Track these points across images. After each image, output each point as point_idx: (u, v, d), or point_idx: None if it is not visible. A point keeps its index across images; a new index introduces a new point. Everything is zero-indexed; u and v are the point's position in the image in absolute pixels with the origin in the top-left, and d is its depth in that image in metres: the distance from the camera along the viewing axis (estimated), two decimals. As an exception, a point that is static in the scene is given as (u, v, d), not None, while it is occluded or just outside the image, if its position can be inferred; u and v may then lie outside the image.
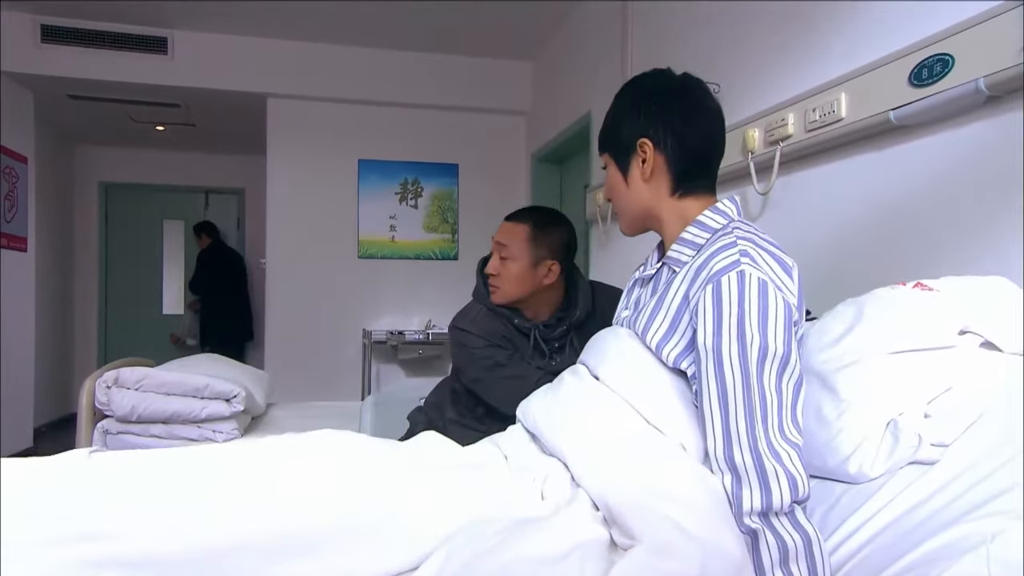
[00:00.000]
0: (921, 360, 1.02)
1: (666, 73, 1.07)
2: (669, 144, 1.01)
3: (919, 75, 1.33)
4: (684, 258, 1.00)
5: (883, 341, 1.03)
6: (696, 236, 1.00)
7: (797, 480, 0.83)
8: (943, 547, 0.78)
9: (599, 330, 1.43)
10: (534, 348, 1.46)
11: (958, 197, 1.30)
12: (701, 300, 0.90)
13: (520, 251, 1.45)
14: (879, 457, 0.93)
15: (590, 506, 0.90)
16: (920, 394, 0.99)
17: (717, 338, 0.87)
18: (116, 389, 2.03)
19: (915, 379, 1.00)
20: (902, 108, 1.37)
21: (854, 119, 1.50)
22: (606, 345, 1.06)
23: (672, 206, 1.04)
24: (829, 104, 1.56)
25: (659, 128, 1.01)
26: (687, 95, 1.03)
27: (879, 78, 1.43)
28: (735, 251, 0.91)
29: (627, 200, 1.07)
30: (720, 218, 1.01)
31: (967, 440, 0.91)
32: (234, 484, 0.87)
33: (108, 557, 0.77)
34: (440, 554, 0.83)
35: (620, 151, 1.05)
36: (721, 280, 0.88)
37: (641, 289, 1.11)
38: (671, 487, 0.84)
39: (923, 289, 1.14)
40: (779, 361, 0.86)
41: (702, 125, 1.03)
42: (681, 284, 0.97)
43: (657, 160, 1.02)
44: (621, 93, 1.09)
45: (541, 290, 1.48)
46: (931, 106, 1.31)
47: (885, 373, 1.00)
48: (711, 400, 0.87)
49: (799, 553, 0.80)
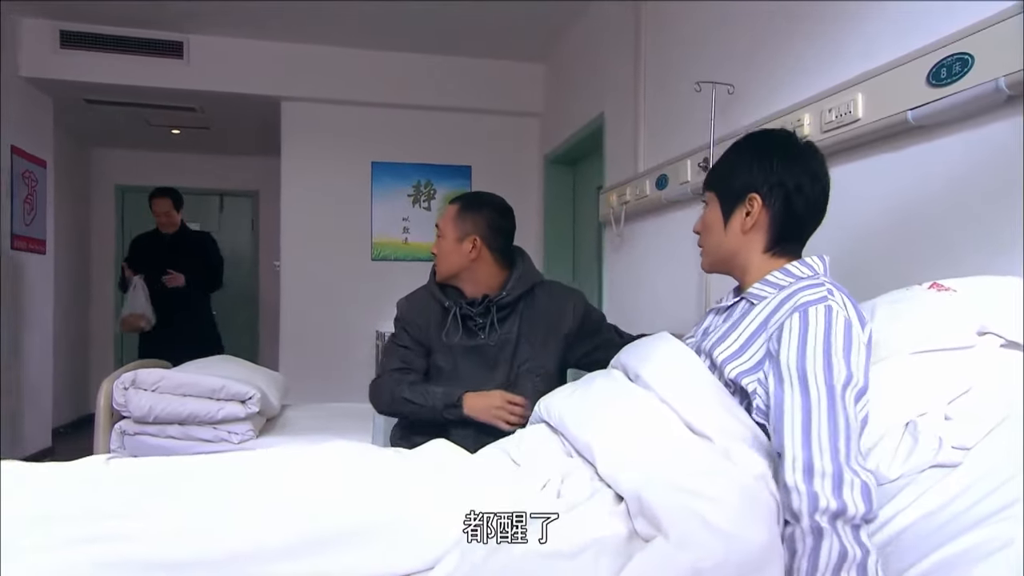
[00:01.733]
0: (941, 361, 1.01)
1: (791, 136, 1.10)
2: (777, 205, 1.04)
3: (937, 75, 1.32)
4: (765, 294, 1.04)
5: (902, 342, 1.03)
6: (780, 280, 1.05)
7: (871, 496, 0.82)
8: (964, 551, 0.77)
9: (529, 315, 1.58)
10: (451, 323, 1.55)
11: (976, 197, 1.29)
12: (787, 324, 0.94)
13: (447, 228, 1.58)
14: (897, 458, 0.93)
15: (610, 502, 0.90)
16: (940, 395, 0.98)
17: (802, 359, 0.90)
18: (133, 390, 2.06)
19: (935, 380, 0.99)
20: (920, 108, 1.35)
21: (871, 119, 1.49)
22: (650, 350, 1.07)
23: (761, 261, 1.07)
24: (845, 105, 1.55)
25: (772, 187, 1.04)
26: (805, 162, 1.06)
27: (896, 78, 1.42)
28: (823, 290, 0.96)
29: (718, 243, 1.10)
30: (807, 270, 1.05)
31: (989, 443, 0.90)
32: (247, 490, 0.89)
33: (123, 558, 0.79)
34: (455, 553, 0.83)
35: (727, 195, 1.08)
36: (809, 310, 0.93)
37: (715, 317, 1.14)
38: (706, 486, 0.84)
39: (939, 289, 1.13)
40: (858, 390, 0.89)
41: (812, 194, 1.06)
42: (761, 312, 1.01)
43: (761, 216, 1.05)
44: (744, 141, 1.12)
45: (470, 266, 1.57)
46: (950, 106, 1.30)
47: (904, 374, 1.00)
48: (793, 413, 0.88)
49: (855, 565, 0.79)
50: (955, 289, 1.10)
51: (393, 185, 4.04)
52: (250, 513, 0.85)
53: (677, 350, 1.05)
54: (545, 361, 1.56)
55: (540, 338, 1.56)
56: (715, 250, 1.12)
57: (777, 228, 1.06)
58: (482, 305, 1.55)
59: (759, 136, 1.12)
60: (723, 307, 1.14)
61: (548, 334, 1.56)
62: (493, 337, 1.54)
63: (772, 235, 1.06)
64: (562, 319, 1.57)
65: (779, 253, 1.07)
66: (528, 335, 1.55)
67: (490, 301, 1.55)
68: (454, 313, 1.55)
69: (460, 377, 1.55)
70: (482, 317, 1.55)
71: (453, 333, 1.55)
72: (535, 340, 1.55)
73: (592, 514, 0.88)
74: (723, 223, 1.08)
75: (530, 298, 1.58)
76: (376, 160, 4.01)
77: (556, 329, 1.57)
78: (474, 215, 1.58)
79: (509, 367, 1.54)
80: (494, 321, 1.54)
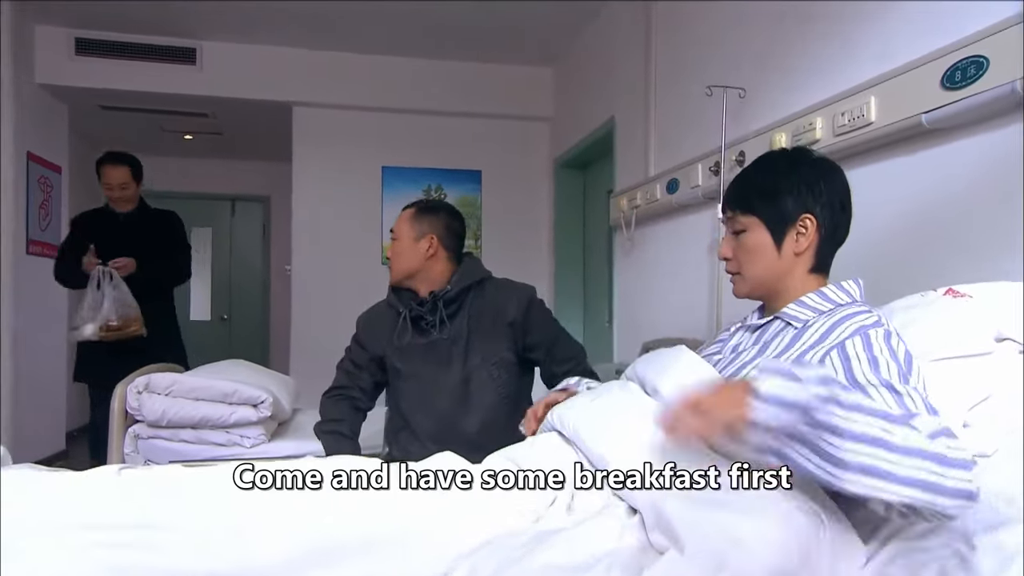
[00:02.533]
0: (959, 368, 1.00)
1: (826, 158, 1.10)
2: (827, 226, 1.04)
3: (952, 77, 1.31)
4: (803, 316, 1.03)
5: (920, 349, 1.02)
6: (817, 303, 1.04)
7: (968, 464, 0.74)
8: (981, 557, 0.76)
9: (477, 309, 1.64)
10: (402, 325, 1.63)
11: (991, 201, 1.27)
12: (850, 346, 0.93)
13: (404, 230, 1.66)
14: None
15: (623, 514, 0.89)
16: (959, 402, 0.97)
17: (877, 374, 0.89)
18: (147, 394, 2.08)
19: (954, 387, 0.98)
20: (935, 111, 1.34)
21: (884, 123, 1.48)
22: (668, 364, 1.05)
23: (803, 280, 1.07)
24: (859, 108, 1.54)
25: (825, 209, 1.04)
26: (843, 181, 1.07)
27: (910, 81, 1.41)
28: (875, 315, 0.97)
29: (767, 267, 1.07)
30: (843, 295, 1.04)
31: (1008, 450, 0.89)
32: (255, 501, 0.89)
33: (135, 565, 0.79)
34: (465, 566, 0.83)
35: (777, 219, 1.05)
36: (869, 332, 0.93)
37: (746, 335, 1.13)
38: (724, 499, 0.82)
39: (955, 296, 1.11)
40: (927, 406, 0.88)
41: (850, 212, 1.07)
42: (811, 336, 0.99)
43: (813, 238, 1.05)
44: (777, 163, 1.10)
45: (425, 264, 1.64)
46: (965, 109, 1.29)
47: (925, 382, 0.98)
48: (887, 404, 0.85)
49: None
50: (971, 295, 1.09)
51: (404, 189, 4.04)
52: (258, 525, 0.85)
53: (696, 365, 1.03)
54: (497, 349, 1.62)
55: (488, 329, 1.62)
56: (763, 274, 1.08)
57: (824, 248, 1.06)
58: (430, 303, 1.62)
59: (793, 156, 1.10)
60: (754, 325, 1.12)
61: (494, 324, 1.62)
62: (445, 332, 1.61)
63: (819, 254, 1.06)
64: (506, 309, 1.63)
65: (818, 271, 1.07)
66: (477, 328, 1.62)
67: (436, 297, 1.62)
68: (404, 315, 1.63)
69: (417, 375, 1.62)
70: (431, 314, 1.61)
71: (403, 334, 1.63)
72: (484, 331, 1.62)
73: (603, 527, 0.87)
74: (775, 246, 1.05)
75: (479, 293, 1.65)
76: (387, 164, 4.03)
77: (501, 319, 1.62)
78: (430, 216, 1.67)
79: (464, 360, 1.61)
80: (443, 317, 1.61)
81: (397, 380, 1.67)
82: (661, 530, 0.83)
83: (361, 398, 1.70)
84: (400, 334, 1.63)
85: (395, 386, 1.69)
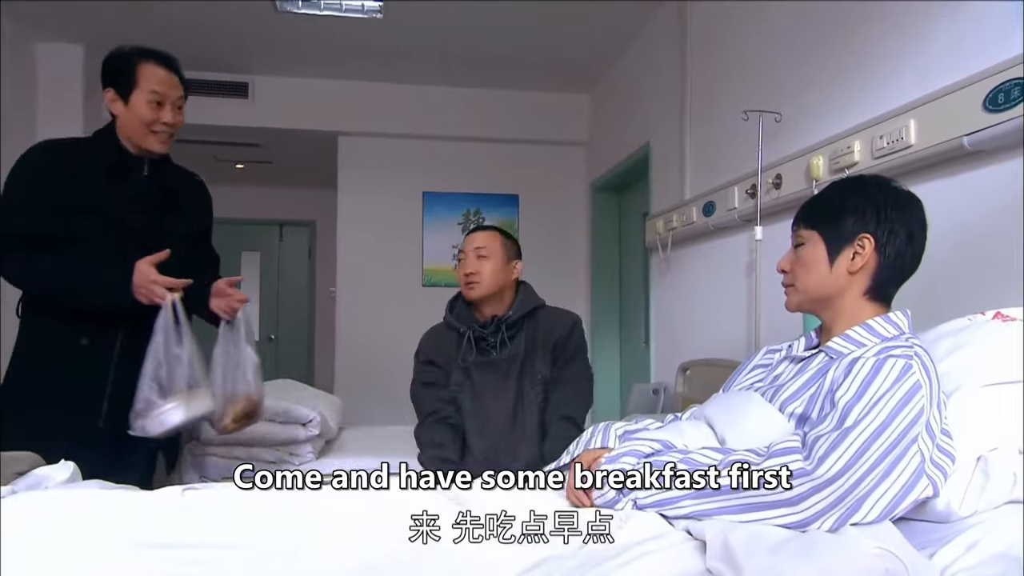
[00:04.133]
0: (1011, 393, 0.98)
1: (906, 190, 1.10)
2: (887, 251, 1.04)
3: (994, 100, 1.31)
4: (845, 351, 1.03)
5: (970, 375, 1.01)
6: (863, 338, 1.03)
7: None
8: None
9: (532, 333, 1.74)
10: (467, 346, 1.73)
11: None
12: (860, 364, 0.94)
13: (496, 250, 1.76)
14: (969, 495, 0.91)
15: (679, 540, 0.90)
16: (1013, 429, 0.96)
17: (855, 399, 0.90)
18: (203, 412, 2.16)
19: (1006, 413, 0.97)
20: (976, 133, 1.34)
21: (924, 145, 1.48)
22: (739, 415, 1.05)
23: (858, 304, 1.07)
24: (897, 131, 1.54)
25: (885, 233, 1.04)
26: (917, 212, 1.06)
27: (951, 103, 1.41)
28: (913, 350, 0.96)
29: (819, 281, 1.09)
30: (891, 328, 1.04)
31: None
32: (315, 522, 0.91)
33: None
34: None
35: (835, 234, 1.07)
36: (887, 361, 0.93)
37: (789, 365, 1.13)
38: (798, 541, 0.83)
39: (1004, 320, 1.10)
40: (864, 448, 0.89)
41: (919, 244, 1.06)
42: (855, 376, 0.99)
43: (871, 260, 1.05)
44: (849, 184, 1.13)
45: (509, 286, 1.78)
46: (1007, 131, 1.28)
47: (974, 408, 0.97)
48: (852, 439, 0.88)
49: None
50: (1020, 319, 1.08)
51: (443, 214, 4.15)
52: (315, 543, 0.88)
53: (766, 419, 1.02)
54: (542, 368, 1.74)
55: (539, 352, 1.74)
56: (814, 288, 1.09)
57: (883, 273, 1.05)
58: (492, 325, 1.73)
59: (865, 180, 1.11)
60: (798, 357, 1.12)
61: (543, 347, 1.75)
62: (504, 352, 1.72)
63: (877, 279, 1.05)
64: (552, 335, 1.75)
65: (875, 298, 1.06)
66: (531, 350, 1.74)
67: (499, 320, 1.74)
68: (468, 336, 1.73)
69: (476, 388, 1.72)
70: (493, 336, 1.73)
71: (468, 353, 1.73)
72: (536, 354, 1.74)
73: (660, 552, 0.87)
74: (828, 262, 1.07)
75: (532, 319, 1.77)
76: (427, 190, 4.14)
77: (547, 341, 1.75)
78: (513, 244, 1.82)
79: (519, 377, 1.72)
80: (504, 339, 1.72)
81: (459, 395, 1.74)
82: (726, 561, 0.83)
83: (454, 415, 1.72)
84: (465, 354, 1.73)
85: (456, 400, 1.75)
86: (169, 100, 1.54)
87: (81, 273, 1.44)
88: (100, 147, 1.55)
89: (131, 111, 1.52)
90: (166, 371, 1.33)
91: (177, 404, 1.33)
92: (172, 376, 1.34)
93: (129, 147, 1.55)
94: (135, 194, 1.55)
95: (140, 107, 1.51)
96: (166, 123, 1.54)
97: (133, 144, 1.55)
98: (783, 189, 2.01)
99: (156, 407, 1.32)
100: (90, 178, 1.49)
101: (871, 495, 0.86)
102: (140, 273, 1.40)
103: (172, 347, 1.35)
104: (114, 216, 1.49)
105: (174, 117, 1.56)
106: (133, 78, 1.51)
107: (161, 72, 1.54)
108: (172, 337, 1.35)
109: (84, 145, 1.58)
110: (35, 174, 1.48)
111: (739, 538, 0.84)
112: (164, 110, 1.53)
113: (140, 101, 1.51)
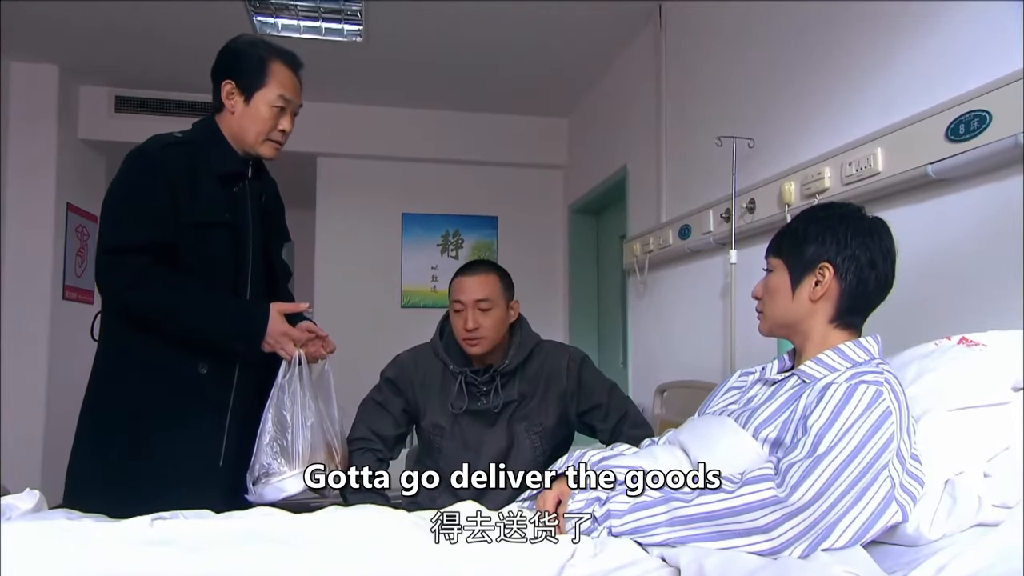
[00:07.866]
0: (977, 418, 1.00)
1: (862, 211, 1.11)
2: (849, 279, 1.05)
3: (956, 130, 1.35)
4: (818, 375, 1.04)
5: (937, 399, 1.02)
6: (834, 362, 1.04)
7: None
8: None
9: (528, 376, 1.60)
10: (458, 392, 1.59)
11: (998, 251, 1.29)
12: (832, 390, 0.95)
13: (497, 298, 1.57)
14: (937, 518, 0.92)
15: (655, 566, 0.90)
16: (978, 453, 0.97)
17: (828, 425, 0.92)
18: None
19: (972, 438, 0.98)
20: (940, 162, 1.38)
21: (891, 173, 1.52)
22: (713, 441, 1.06)
23: (825, 330, 1.08)
24: (866, 158, 1.59)
25: (846, 260, 1.05)
26: (880, 239, 1.07)
27: (916, 133, 1.45)
28: (883, 376, 0.97)
29: (783, 309, 1.10)
30: (862, 353, 1.04)
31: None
32: (290, 552, 0.89)
33: None
34: None
35: (797, 263, 1.09)
36: (859, 387, 0.94)
37: (762, 388, 1.14)
38: (766, 567, 0.83)
39: (969, 345, 1.12)
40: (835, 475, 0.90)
41: (883, 271, 1.06)
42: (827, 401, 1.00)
43: (832, 287, 1.06)
44: (815, 212, 1.14)
45: (507, 330, 1.61)
46: (969, 160, 1.32)
47: (941, 432, 0.99)
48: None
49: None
50: (986, 344, 1.10)
51: (422, 235, 4.15)
52: (294, 572, 0.86)
53: (740, 445, 1.03)
54: (543, 419, 1.59)
55: (538, 397, 1.60)
56: (778, 316, 1.12)
57: (846, 300, 1.06)
58: (487, 374, 1.58)
59: (831, 208, 1.13)
60: (771, 379, 1.13)
61: (546, 392, 1.60)
62: (496, 401, 1.58)
63: (840, 307, 1.06)
64: (558, 378, 1.61)
65: (843, 325, 1.07)
66: (527, 395, 1.59)
67: (495, 370, 1.58)
68: (460, 382, 1.58)
69: (462, 435, 1.58)
70: (487, 385, 1.58)
71: (459, 401, 1.58)
72: (532, 400, 1.59)
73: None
74: (791, 290, 1.09)
75: (529, 361, 1.62)
76: (406, 211, 4.14)
77: (553, 388, 1.61)
78: (509, 281, 1.62)
79: (508, 425, 1.58)
80: (498, 388, 1.58)
81: (439, 437, 1.61)
82: None
83: (384, 451, 1.61)
84: (456, 400, 1.58)
85: (433, 442, 1.62)
86: (291, 107, 1.43)
87: (211, 319, 1.31)
88: (212, 148, 1.39)
89: (251, 110, 1.38)
90: (290, 436, 1.25)
91: (298, 473, 1.24)
92: (295, 441, 1.25)
93: (235, 146, 1.41)
94: (243, 201, 1.42)
95: (263, 109, 1.38)
96: (284, 131, 1.43)
97: (239, 144, 1.41)
98: (757, 213, 2.05)
99: (277, 475, 1.23)
100: (208, 184, 1.35)
101: (842, 521, 0.87)
102: (274, 324, 1.32)
103: (296, 408, 1.27)
104: (231, 226, 1.37)
105: (291, 126, 1.45)
106: (263, 76, 1.38)
107: (291, 76, 1.42)
108: (297, 397, 1.28)
109: (195, 144, 1.39)
110: (157, 178, 1.31)
111: (713, 565, 0.84)
112: (285, 117, 1.42)
113: (264, 102, 1.38)
